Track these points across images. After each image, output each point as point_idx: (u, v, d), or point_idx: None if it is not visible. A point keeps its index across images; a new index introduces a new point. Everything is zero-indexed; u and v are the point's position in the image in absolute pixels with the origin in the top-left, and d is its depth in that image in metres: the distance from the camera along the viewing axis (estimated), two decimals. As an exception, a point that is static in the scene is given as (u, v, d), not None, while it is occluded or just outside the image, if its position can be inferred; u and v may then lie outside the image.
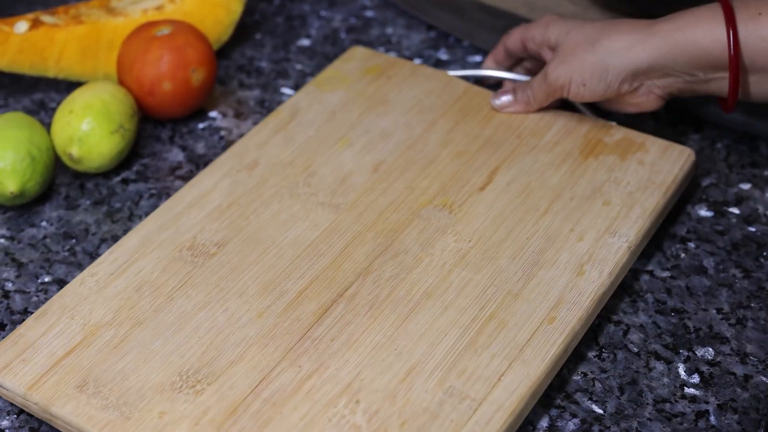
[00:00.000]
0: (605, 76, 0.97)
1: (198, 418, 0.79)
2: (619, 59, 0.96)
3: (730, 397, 0.84)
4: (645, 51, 0.95)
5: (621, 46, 0.96)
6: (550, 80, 1.00)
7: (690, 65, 0.95)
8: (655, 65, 0.96)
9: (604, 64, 0.97)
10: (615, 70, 0.97)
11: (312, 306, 0.87)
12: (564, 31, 1.00)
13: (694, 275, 0.94)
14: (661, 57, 0.95)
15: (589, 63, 0.97)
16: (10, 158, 0.95)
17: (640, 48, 0.95)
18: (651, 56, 0.95)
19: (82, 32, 1.09)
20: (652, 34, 0.95)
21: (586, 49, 0.97)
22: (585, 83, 0.98)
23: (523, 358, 0.83)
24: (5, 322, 0.89)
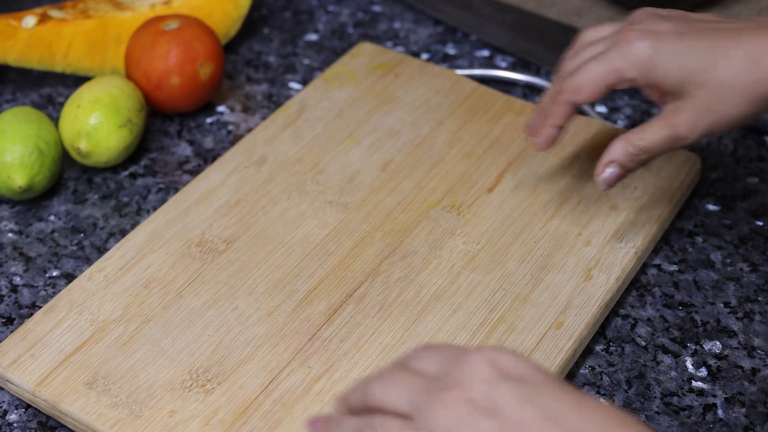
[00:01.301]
0: (750, 117, 0.83)
1: (208, 417, 0.79)
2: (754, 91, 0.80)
3: (738, 391, 0.84)
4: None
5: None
6: (682, 136, 0.84)
7: None
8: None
9: (759, 106, 0.81)
10: (761, 106, 0.82)
11: (321, 306, 0.87)
12: (686, 72, 0.82)
13: (702, 269, 0.94)
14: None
15: (734, 114, 0.81)
16: (18, 152, 0.95)
17: None
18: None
19: (90, 27, 1.09)
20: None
21: (741, 91, 0.81)
22: (723, 128, 0.83)
23: None
24: (13, 316, 0.89)
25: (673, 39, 0.82)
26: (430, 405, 0.60)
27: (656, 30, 0.83)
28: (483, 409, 0.59)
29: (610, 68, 0.83)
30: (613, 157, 0.86)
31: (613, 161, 0.86)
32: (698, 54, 0.81)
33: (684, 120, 0.82)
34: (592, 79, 0.84)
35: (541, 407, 0.58)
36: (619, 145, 0.85)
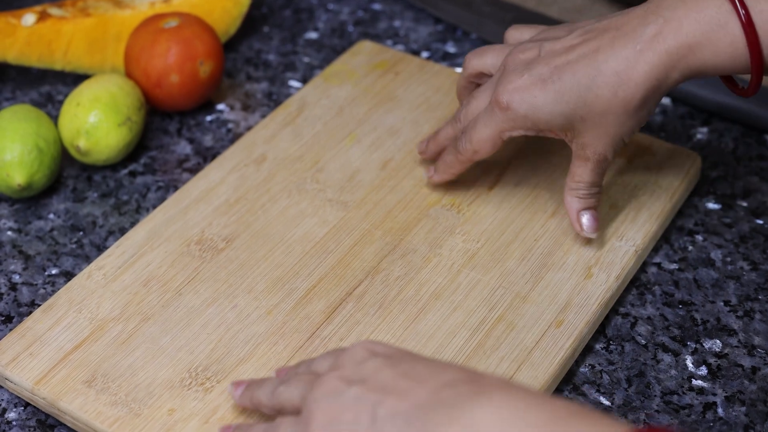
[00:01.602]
0: (644, 117, 0.86)
1: (207, 416, 0.79)
2: (640, 96, 0.84)
3: (738, 389, 0.84)
4: (653, 69, 0.83)
5: (635, 83, 0.83)
6: (601, 160, 0.88)
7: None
8: (669, 74, 0.84)
9: (640, 113, 0.85)
10: (646, 108, 0.85)
11: (321, 304, 0.87)
12: (565, 116, 0.86)
13: (702, 268, 0.94)
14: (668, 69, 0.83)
15: (627, 128, 0.86)
16: (17, 150, 0.95)
17: (646, 68, 0.83)
18: (659, 71, 0.83)
19: (90, 25, 1.09)
20: (651, 44, 0.83)
21: (617, 113, 0.84)
22: (626, 139, 0.87)
23: (531, 361, 0.83)
24: (12, 315, 0.89)
25: (542, 90, 0.85)
26: (311, 389, 0.69)
27: (523, 86, 0.86)
28: (352, 381, 0.68)
29: (496, 132, 0.88)
30: (576, 208, 0.91)
31: (579, 210, 0.91)
32: (568, 98, 0.85)
33: (592, 151, 0.87)
34: (484, 141, 0.90)
35: (398, 369, 0.67)
36: (570, 198, 0.91)
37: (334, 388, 0.68)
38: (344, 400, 0.66)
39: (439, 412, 0.62)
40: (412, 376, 0.66)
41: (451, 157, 0.93)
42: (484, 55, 0.93)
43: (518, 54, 0.89)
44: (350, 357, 0.70)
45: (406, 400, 0.64)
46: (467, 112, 0.92)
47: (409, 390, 0.65)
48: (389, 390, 0.65)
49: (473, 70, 0.94)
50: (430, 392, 0.64)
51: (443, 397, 0.63)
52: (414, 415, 0.63)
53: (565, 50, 0.86)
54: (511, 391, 0.61)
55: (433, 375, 0.65)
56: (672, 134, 1.07)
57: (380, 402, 0.65)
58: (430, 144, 0.97)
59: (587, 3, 1.22)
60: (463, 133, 0.91)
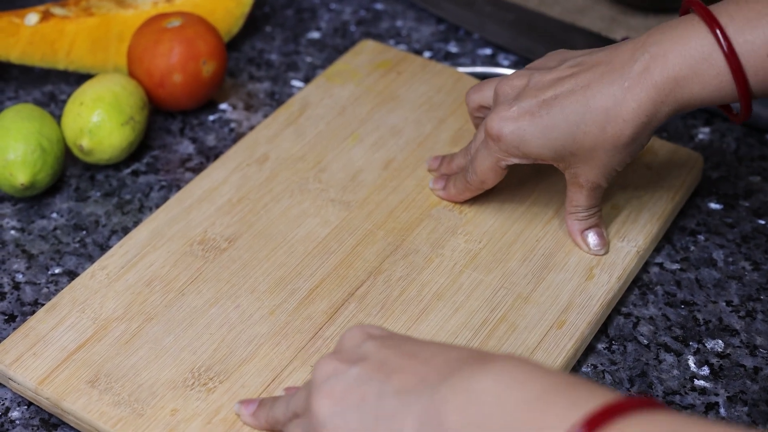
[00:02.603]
0: (636, 150, 0.87)
1: (210, 416, 0.79)
2: (630, 130, 0.84)
3: (740, 389, 0.84)
4: (641, 105, 0.82)
5: (625, 118, 0.83)
6: (595, 187, 0.89)
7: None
8: (659, 108, 0.83)
9: (631, 148, 0.85)
10: (637, 142, 0.85)
11: (323, 305, 0.87)
12: (554, 149, 0.86)
13: (704, 268, 0.94)
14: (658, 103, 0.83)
15: (618, 160, 0.86)
16: (20, 150, 0.95)
17: (634, 104, 0.83)
18: (648, 106, 0.83)
19: (93, 24, 1.09)
20: (639, 80, 0.83)
21: (606, 149, 0.85)
22: (619, 169, 0.88)
23: None
24: (16, 314, 0.89)
25: (529, 123, 0.86)
26: (311, 375, 0.68)
27: (512, 116, 0.87)
28: (351, 361, 0.67)
29: (494, 161, 0.89)
30: (577, 229, 0.92)
31: (582, 231, 0.92)
32: (556, 133, 0.85)
33: (585, 180, 0.88)
34: (488, 172, 0.91)
35: (399, 348, 0.67)
36: (570, 220, 0.92)
37: (333, 369, 0.67)
38: (347, 381, 0.66)
39: (445, 386, 0.62)
40: (416, 355, 0.66)
41: (461, 185, 0.94)
42: (482, 89, 0.93)
43: (508, 82, 0.89)
44: (347, 340, 0.70)
45: (413, 376, 0.64)
46: (474, 143, 0.93)
47: (415, 367, 0.65)
48: (393, 368, 0.65)
49: (474, 104, 0.94)
50: (437, 369, 0.64)
51: (449, 371, 0.63)
52: (421, 390, 0.63)
53: (554, 82, 0.86)
54: (514, 363, 0.61)
55: (437, 353, 0.65)
56: (674, 134, 1.07)
57: (385, 379, 0.65)
58: (443, 166, 0.98)
59: (589, 3, 1.22)
60: (470, 165, 0.92)
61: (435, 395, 0.62)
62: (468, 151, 0.94)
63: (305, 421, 0.69)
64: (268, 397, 0.78)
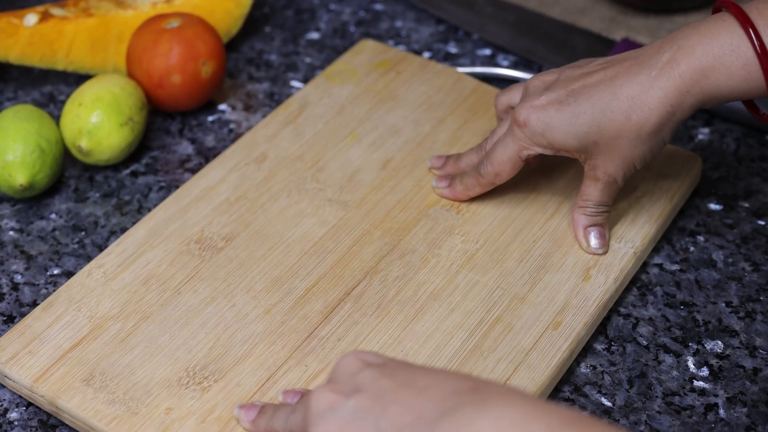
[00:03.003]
0: (658, 145, 0.87)
1: (204, 415, 0.79)
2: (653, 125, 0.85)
3: (739, 390, 0.84)
4: (667, 94, 0.83)
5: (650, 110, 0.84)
6: (611, 182, 0.89)
7: None
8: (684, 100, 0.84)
9: (653, 140, 0.86)
10: (660, 135, 0.86)
11: (319, 304, 0.87)
12: (579, 137, 0.87)
13: (704, 268, 0.94)
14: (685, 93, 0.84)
15: (639, 154, 0.87)
16: (19, 151, 0.95)
17: (660, 93, 0.84)
18: (673, 96, 0.83)
19: (92, 25, 1.09)
20: (665, 69, 0.84)
21: (630, 138, 0.86)
22: (638, 165, 0.89)
23: (528, 363, 0.83)
24: (14, 314, 0.89)
25: (556, 110, 0.87)
26: (307, 407, 0.67)
27: (540, 104, 0.88)
28: (347, 393, 0.66)
29: (516, 150, 0.90)
30: (583, 225, 0.92)
31: (587, 227, 0.92)
32: (582, 120, 0.86)
33: (603, 172, 0.89)
34: (505, 163, 0.91)
35: (396, 378, 0.66)
36: (577, 213, 0.92)
37: (331, 402, 0.66)
38: (344, 415, 0.65)
39: (442, 424, 0.61)
40: (412, 386, 0.65)
41: (471, 180, 0.94)
42: (511, 91, 0.95)
43: (539, 77, 0.91)
44: (343, 368, 0.69)
45: (410, 411, 0.63)
46: (492, 139, 0.94)
47: (412, 401, 0.64)
48: (389, 401, 0.65)
49: (502, 105, 0.96)
50: (433, 403, 0.63)
51: (447, 408, 0.62)
52: (418, 427, 0.62)
53: (584, 75, 0.88)
54: (512, 400, 0.61)
55: (434, 384, 0.65)
56: (673, 135, 1.07)
57: (382, 414, 0.64)
58: (449, 165, 0.98)
59: (589, 4, 1.22)
60: (486, 158, 0.92)
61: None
62: (482, 148, 0.95)
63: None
64: (268, 405, 0.78)
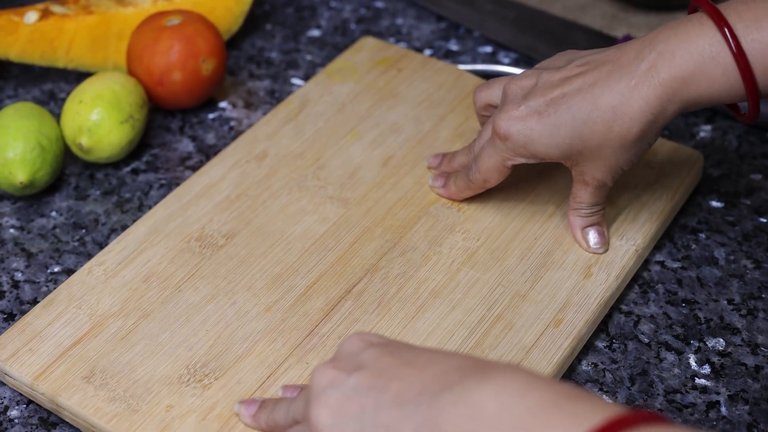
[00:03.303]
0: (643, 149, 0.86)
1: (205, 412, 0.79)
2: (636, 128, 0.83)
3: (741, 388, 0.84)
4: (648, 103, 0.82)
5: (632, 115, 0.83)
6: (601, 185, 0.89)
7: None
8: (667, 104, 0.83)
9: (638, 146, 0.85)
10: (644, 141, 0.85)
11: (320, 302, 0.87)
12: (562, 148, 0.86)
13: (705, 266, 0.94)
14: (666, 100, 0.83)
15: (624, 160, 0.86)
16: (19, 148, 0.95)
17: (641, 102, 0.82)
18: (655, 105, 0.82)
19: (92, 22, 1.09)
20: (646, 78, 0.83)
21: (613, 147, 0.85)
22: (626, 168, 0.87)
23: (529, 361, 0.83)
24: (15, 312, 0.89)
25: (536, 122, 0.86)
26: (309, 385, 0.68)
27: (519, 116, 0.87)
28: (349, 370, 0.67)
29: (500, 160, 0.89)
30: (579, 225, 0.92)
31: (584, 228, 0.92)
32: (564, 131, 0.85)
33: (591, 177, 0.88)
34: (491, 171, 0.91)
35: (398, 356, 0.67)
36: (572, 216, 0.92)
37: (332, 378, 0.67)
38: (345, 391, 0.66)
39: (444, 397, 0.62)
40: (414, 363, 0.65)
41: (462, 183, 0.94)
42: (490, 87, 0.94)
43: (516, 82, 0.89)
44: (346, 348, 0.70)
45: (412, 387, 0.63)
46: (478, 141, 0.93)
47: (413, 376, 0.64)
48: (391, 376, 0.65)
49: (482, 102, 0.94)
50: (435, 378, 0.63)
51: (449, 382, 0.62)
52: (420, 400, 0.62)
53: (562, 81, 0.86)
54: (515, 374, 0.61)
55: (436, 361, 0.65)
56: (675, 132, 1.07)
57: (384, 389, 0.64)
58: (444, 165, 0.98)
59: (590, 1, 1.22)
60: (473, 163, 0.92)
61: (433, 406, 0.62)
62: (471, 149, 0.94)
63: (304, 428, 0.69)
64: (269, 399, 0.78)
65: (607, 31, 1.17)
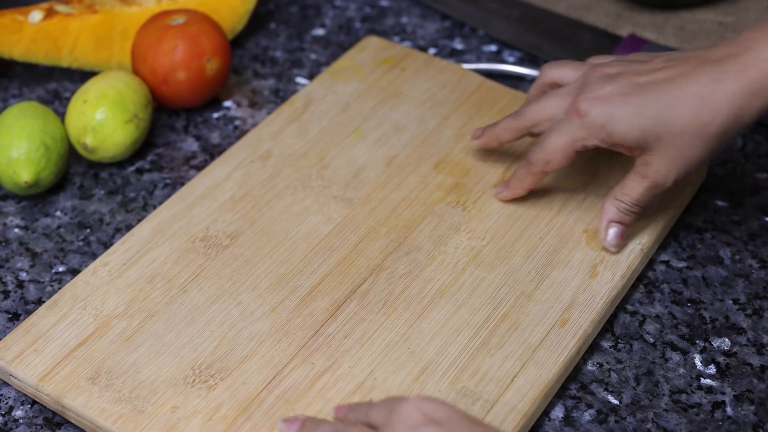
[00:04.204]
0: (719, 147, 0.86)
1: (211, 413, 0.79)
2: (717, 127, 0.84)
3: (747, 388, 0.84)
4: (734, 96, 0.83)
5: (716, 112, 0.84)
6: (659, 184, 0.88)
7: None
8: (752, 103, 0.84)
9: (716, 141, 0.85)
10: (723, 138, 0.85)
11: (325, 302, 0.86)
12: (641, 131, 0.86)
13: (711, 265, 0.93)
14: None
15: (698, 156, 0.86)
16: (24, 148, 0.95)
17: (728, 94, 0.83)
18: (741, 99, 0.83)
19: (96, 22, 1.09)
20: (734, 72, 0.84)
21: (693, 136, 0.85)
22: (693, 168, 0.88)
23: (535, 360, 0.83)
24: (19, 312, 0.89)
25: (621, 102, 0.86)
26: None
27: (604, 96, 0.87)
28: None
29: (570, 140, 0.88)
30: (610, 218, 0.90)
31: (612, 221, 0.90)
32: (648, 113, 0.85)
33: (654, 170, 0.87)
34: (557, 151, 0.89)
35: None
36: (610, 204, 0.90)
37: None
38: None
39: None
40: None
41: (522, 170, 0.93)
42: (563, 67, 0.94)
43: (601, 69, 0.90)
44: (403, 420, 0.69)
45: None
46: (533, 108, 0.93)
47: None
48: None
49: (548, 79, 0.95)
50: None
51: None
52: None
53: (650, 71, 0.87)
54: None
55: None
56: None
57: None
58: (487, 135, 0.97)
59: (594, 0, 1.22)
60: (536, 144, 0.91)
61: None
62: (519, 114, 0.93)
63: None
64: (312, 418, 0.77)
65: (611, 30, 1.17)
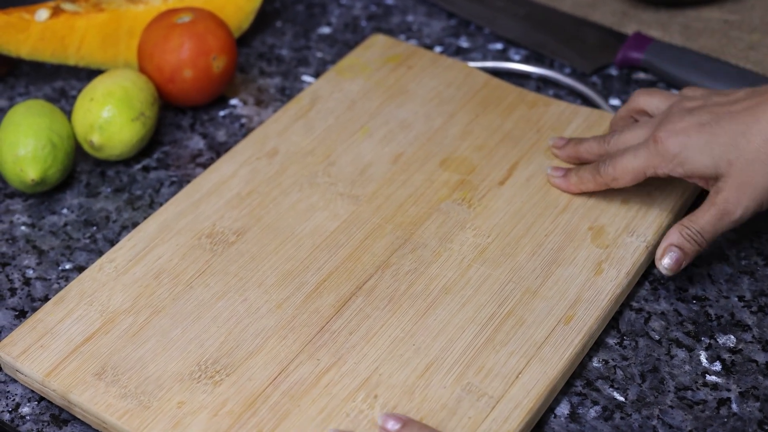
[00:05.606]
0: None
1: (216, 409, 0.79)
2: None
3: (752, 385, 0.84)
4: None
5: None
6: (729, 212, 0.88)
7: None
8: None
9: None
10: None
11: (331, 298, 0.87)
12: (714, 159, 0.87)
13: (716, 263, 0.93)
14: None
15: None
16: (31, 146, 0.95)
17: None
18: None
19: (103, 20, 1.09)
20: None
21: (759, 171, 0.86)
22: (765, 204, 0.88)
23: (540, 357, 0.83)
24: (26, 309, 0.90)
25: (698, 132, 0.88)
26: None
27: (683, 128, 0.88)
28: None
29: (644, 166, 0.90)
30: (670, 241, 0.89)
31: (672, 245, 0.89)
32: (721, 140, 0.87)
33: (725, 198, 0.87)
34: (628, 172, 0.91)
35: None
36: (675, 229, 0.89)
37: None
38: None
39: None
40: None
41: (588, 175, 0.94)
42: (653, 96, 0.96)
43: (685, 102, 0.92)
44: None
45: None
46: (619, 138, 0.94)
47: None
48: None
49: (638, 105, 0.96)
50: None
51: None
52: None
53: (729, 103, 0.89)
54: None
55: None
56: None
57: None
58: (569, 148, 0.98)
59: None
60: (610, 158, 0.92)
61: None
62: (605, 141, 0.95)
63: None
64: (414, 422, 0.78)
65: (617, 28, 1.17)
